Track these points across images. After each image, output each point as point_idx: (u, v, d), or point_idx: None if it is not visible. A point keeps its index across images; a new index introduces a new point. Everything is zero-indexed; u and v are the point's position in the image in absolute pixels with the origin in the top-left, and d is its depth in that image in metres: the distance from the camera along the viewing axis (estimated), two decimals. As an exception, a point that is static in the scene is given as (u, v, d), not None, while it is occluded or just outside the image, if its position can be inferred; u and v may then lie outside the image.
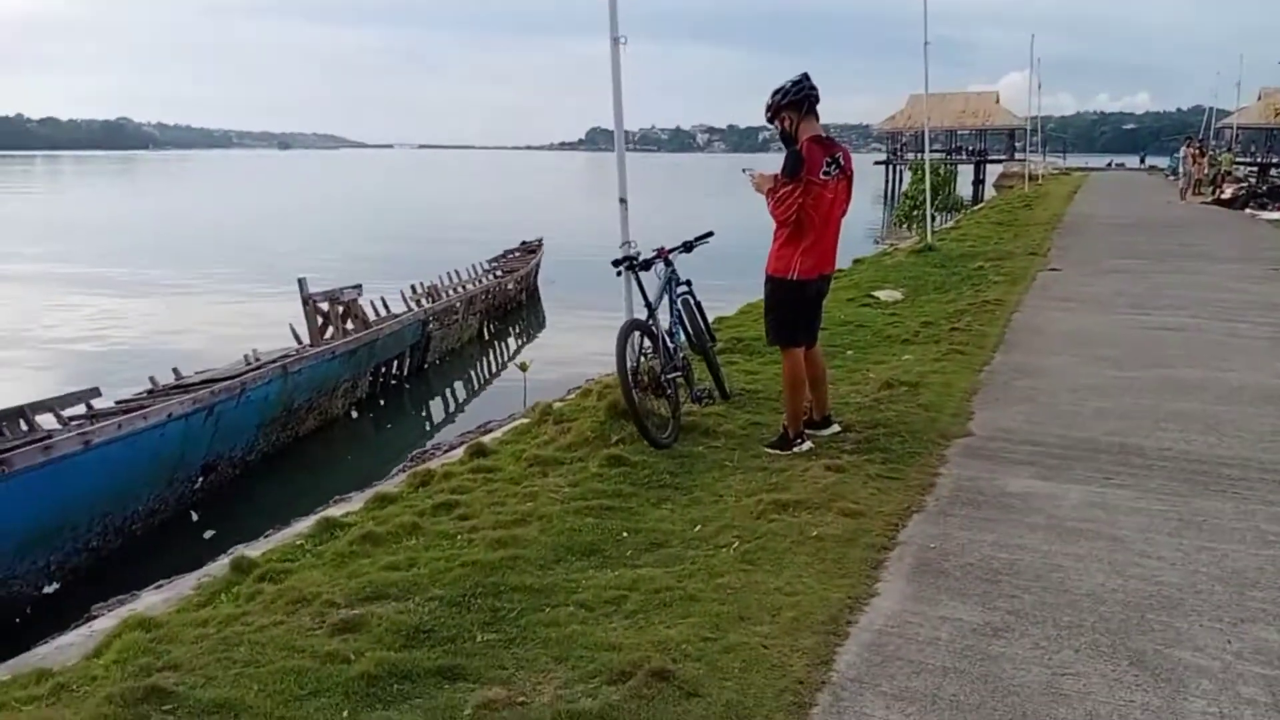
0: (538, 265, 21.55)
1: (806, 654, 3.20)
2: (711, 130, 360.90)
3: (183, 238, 33.23)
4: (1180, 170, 29.71)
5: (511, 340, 17.19)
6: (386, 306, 15.64)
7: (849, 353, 8.42)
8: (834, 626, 3.39)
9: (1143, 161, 75.97)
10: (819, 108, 5.37)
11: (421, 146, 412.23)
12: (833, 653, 3.22)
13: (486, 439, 6.65)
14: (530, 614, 3.57)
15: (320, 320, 14.24)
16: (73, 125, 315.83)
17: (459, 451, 6.29)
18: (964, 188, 60.52)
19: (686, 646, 3.24)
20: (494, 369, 15.35)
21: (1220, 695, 2.97)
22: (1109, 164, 77.56)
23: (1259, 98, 50.00)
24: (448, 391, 14.08)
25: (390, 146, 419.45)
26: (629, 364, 5.74)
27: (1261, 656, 3.20)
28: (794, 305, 5.35)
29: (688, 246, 6.69)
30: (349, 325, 14.30)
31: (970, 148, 65.45)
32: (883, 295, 11.57)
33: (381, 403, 13.49)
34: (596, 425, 5.88)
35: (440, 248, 24.56)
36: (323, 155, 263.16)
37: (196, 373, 12.05)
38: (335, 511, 5.17)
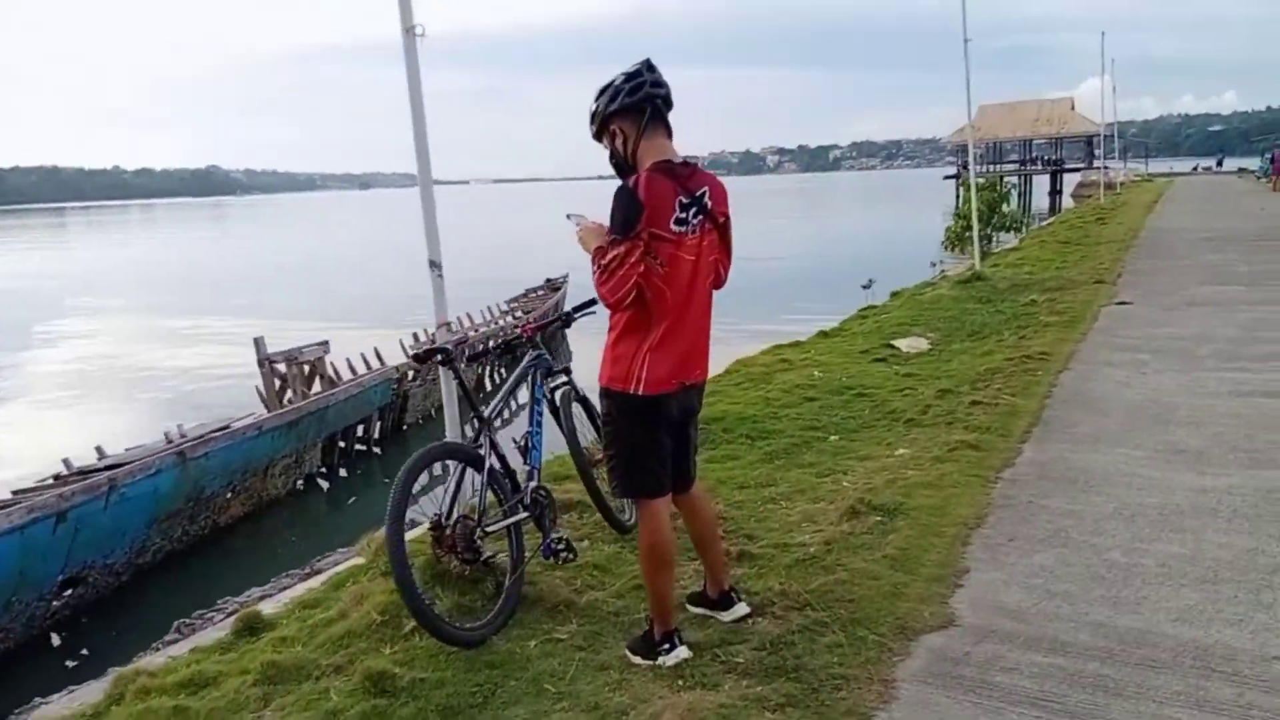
0: (559, 303, 19.91)
1: None
2: (781, 151, 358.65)
3: (242, 281, 35.14)
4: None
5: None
6: (381, 360, 14.03)
7: (832, 437, 6.35)
8: None
9: (1220, 164, 71.97)
10: (672, 116, 3.37)
11: (496, 181, 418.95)
12: None
13: (284, 596, 4.80)
14: None
15: (278, 383, 12.63)
16: (165, 174, 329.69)
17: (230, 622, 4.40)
18: (1040, 199, 57.87)
19: None
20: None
21: None
22: (1195, 168, 73.57)
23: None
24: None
25: (466, 182, 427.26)
26: (437, 513, 3.83)
27: None
28: (646, 434, 3.32)
29: (566, 320, 4.80)
30: (315, 387, 12.69)
31: (1046, 157, 62.46)
32: (903, 345, 9.38)
33: (343, 473, 11.88)
34: (390, 600, 3.93)
35: (478, 287, 23.34)
36: (401, 193, 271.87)
37: (128, 449, 10.74)
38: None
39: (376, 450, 12.84)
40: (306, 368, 12.86)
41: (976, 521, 4.55)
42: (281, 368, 12.63)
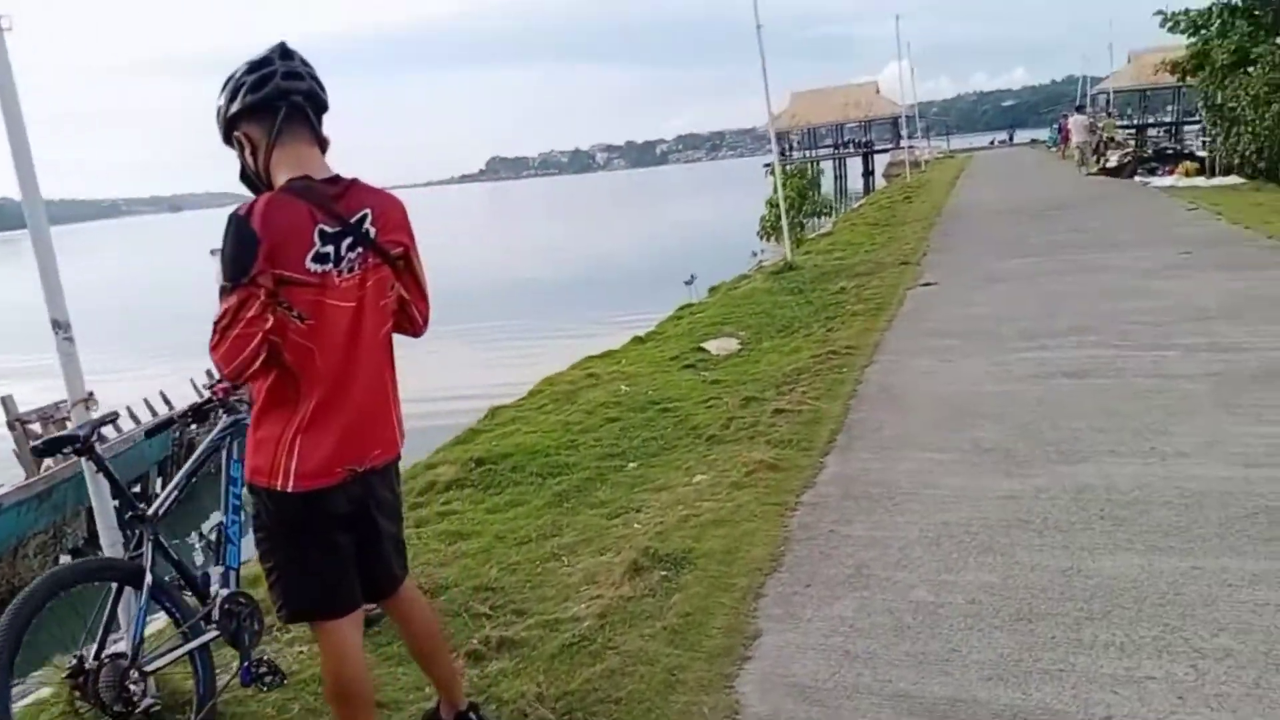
0: None
1: None
2: (610, 148, 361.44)
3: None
4: (1074, 144, 27.90)
5: None
6: (168, 403, 12.52)
7: (631, 465, 5.72)
8: None
9: (1011, 138, 77.74)
10: (327, 118, 2.56)
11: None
12: None
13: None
14: None
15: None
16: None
17: None
18: (855, 180, 59.87)
19: None
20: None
21: None
22: (991, 142, 78.18)
23: (1128, 60, 49.20)
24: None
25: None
26: (78, 654, 2.92)
27: None
28: (310, 539, 2.50)
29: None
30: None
31: (857, 140, 64.88)
32: (714, 347, 8.89)
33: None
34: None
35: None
36: (218, 213, 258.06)
37: None
38: None
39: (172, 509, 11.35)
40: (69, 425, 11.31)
41: (772, 565, 3.96)
42: (37, 428, 11.04)
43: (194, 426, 4.00)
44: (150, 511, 3.20)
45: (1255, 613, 3.18)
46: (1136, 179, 23.04)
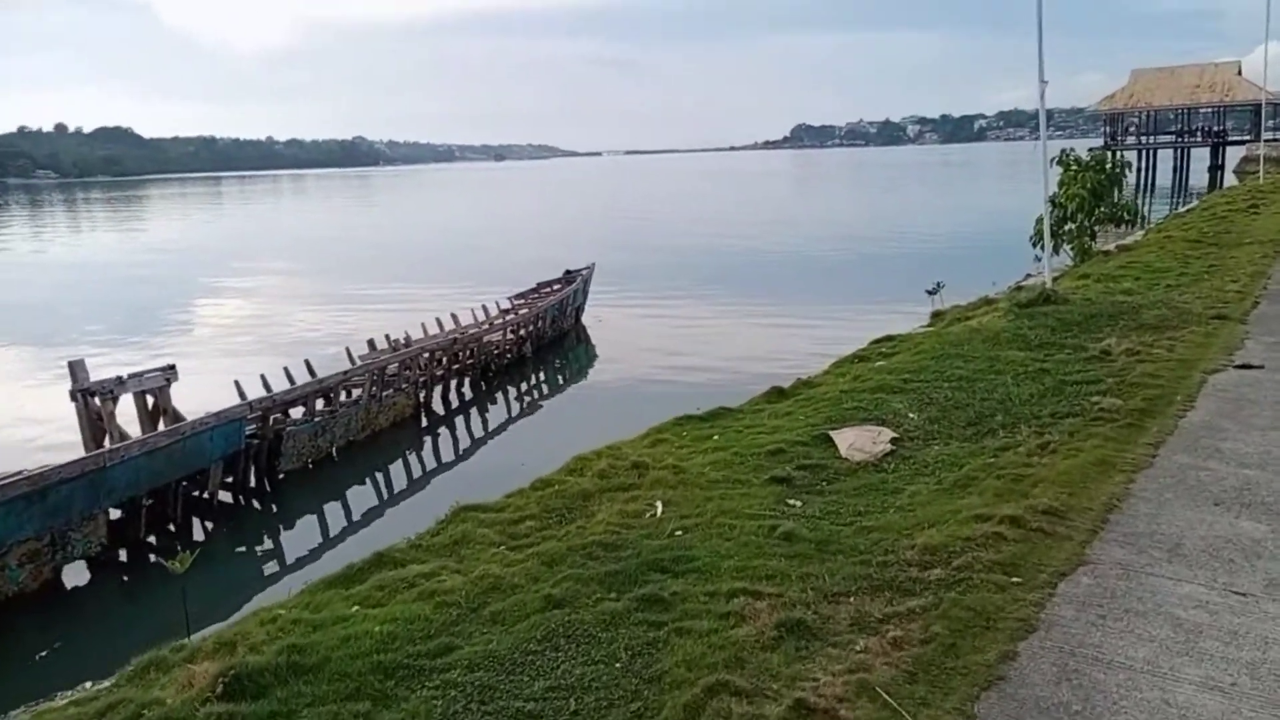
0: (563, 303, 16.68)
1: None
2: (923, 121, 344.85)
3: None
4: None
5: (466, 422, 12.15)
6: (241, 393, 11.15)
7: None
8: None
9: None
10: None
11: (628, 153, 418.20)
12: None
13: None
14: None
15: (98, 420, 9.77)
16: (314, 146, 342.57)
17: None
18: (1198, 175, 50.54)
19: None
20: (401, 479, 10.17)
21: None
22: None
23: None
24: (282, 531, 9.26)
25: (599, 154, 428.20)
26: None
27: None
28: None
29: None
30: (160, 424, 9.89)
31: (1208, 128, 55.02)
32: (847, 441, 5.75)
33: (153, 544, 8.90)
34: None
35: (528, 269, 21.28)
36: (535, 165, 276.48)
37: None
38: None
39: (207, 525, 9.61)
40: (150, 399, 10.05)
41: None
42: (98, 403, 9.72)
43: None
44: None
45: None
46: None
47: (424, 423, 12.17)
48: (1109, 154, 17.07)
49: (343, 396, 11.32)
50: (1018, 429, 5.72)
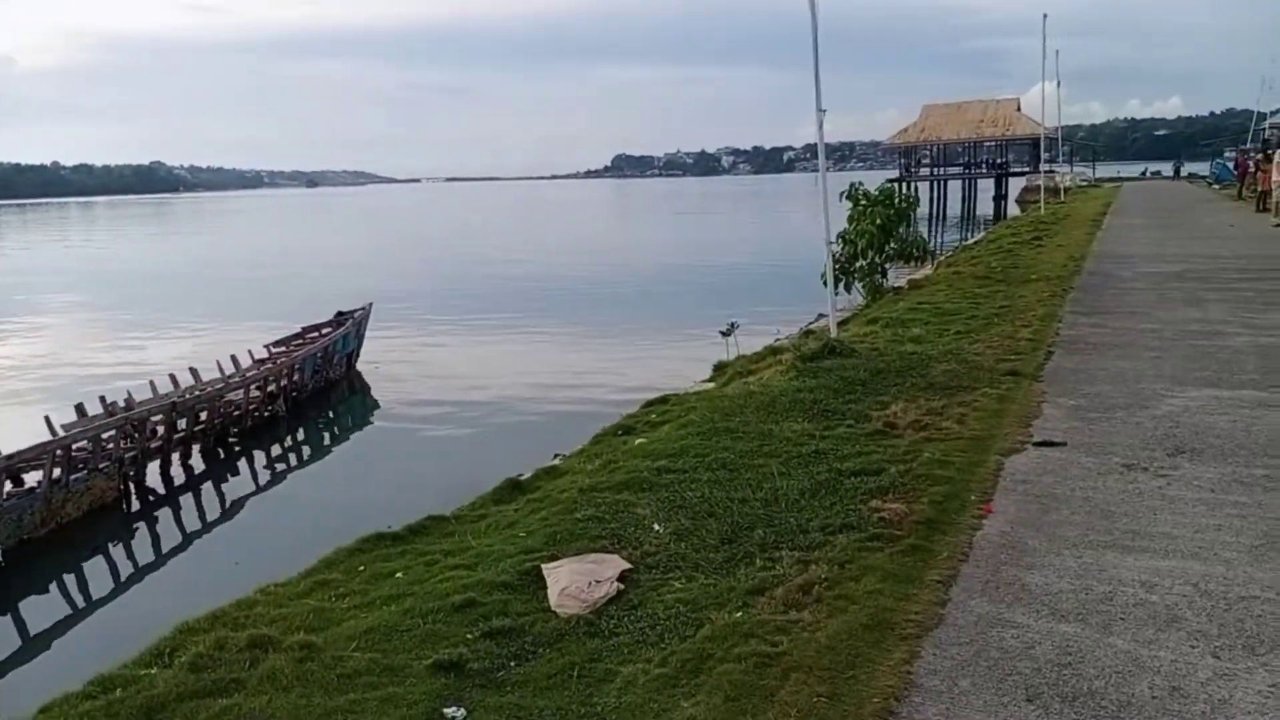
0: (328, 350, 14.61)
1: None
2: (736, 152, 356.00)
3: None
4: (1276, 186, 21.32)
5: (195, 501, 10.37)
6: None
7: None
8: None
9: (1178, 171, 63.98)
10: None
11: (449, 180, 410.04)
12: None
13: None
14: None
15: None
16: (105, 171, 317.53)
17: None
18: (985, 204, 53.20)
19: None
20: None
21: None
22: (1143, 173, 68.49)
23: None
24: None
25: (417, 180, 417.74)
26: None
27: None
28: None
29: None
30: None
31: (992, 160, 58.53)
32: (562, 580, 4.32)
33: None
34: None
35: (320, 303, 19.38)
36: (349, 191, 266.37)
37: None
38: None
39: None
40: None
41: None
42: None
43: None
44: None
45: None
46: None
47: (134, 507, 9.98)
48: (898, 187, 16.73)
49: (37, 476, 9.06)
50: (779, 552, 4.42)
